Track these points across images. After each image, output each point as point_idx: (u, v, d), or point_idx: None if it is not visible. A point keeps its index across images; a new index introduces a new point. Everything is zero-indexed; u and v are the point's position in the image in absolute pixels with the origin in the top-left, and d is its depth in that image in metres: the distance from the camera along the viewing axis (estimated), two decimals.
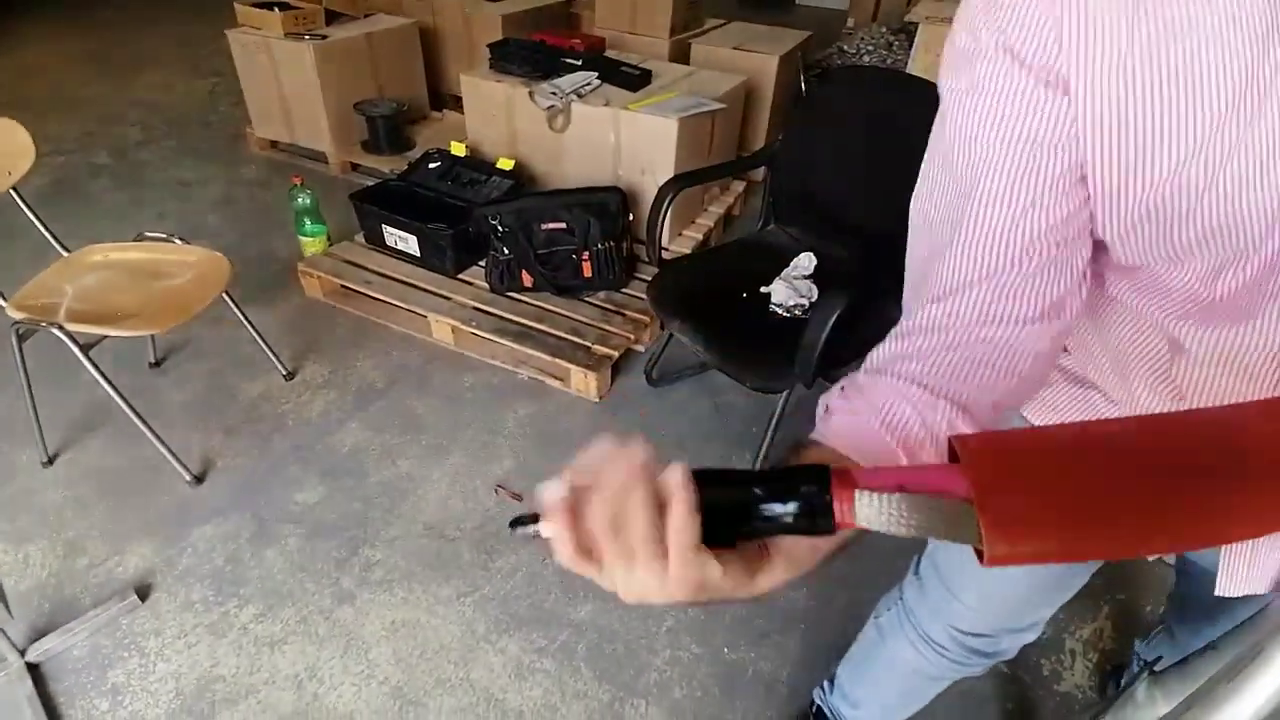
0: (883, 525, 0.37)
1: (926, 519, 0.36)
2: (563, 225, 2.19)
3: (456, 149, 2.56)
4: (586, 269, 2.23)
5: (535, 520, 0.41)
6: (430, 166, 2.52)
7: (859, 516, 0.37)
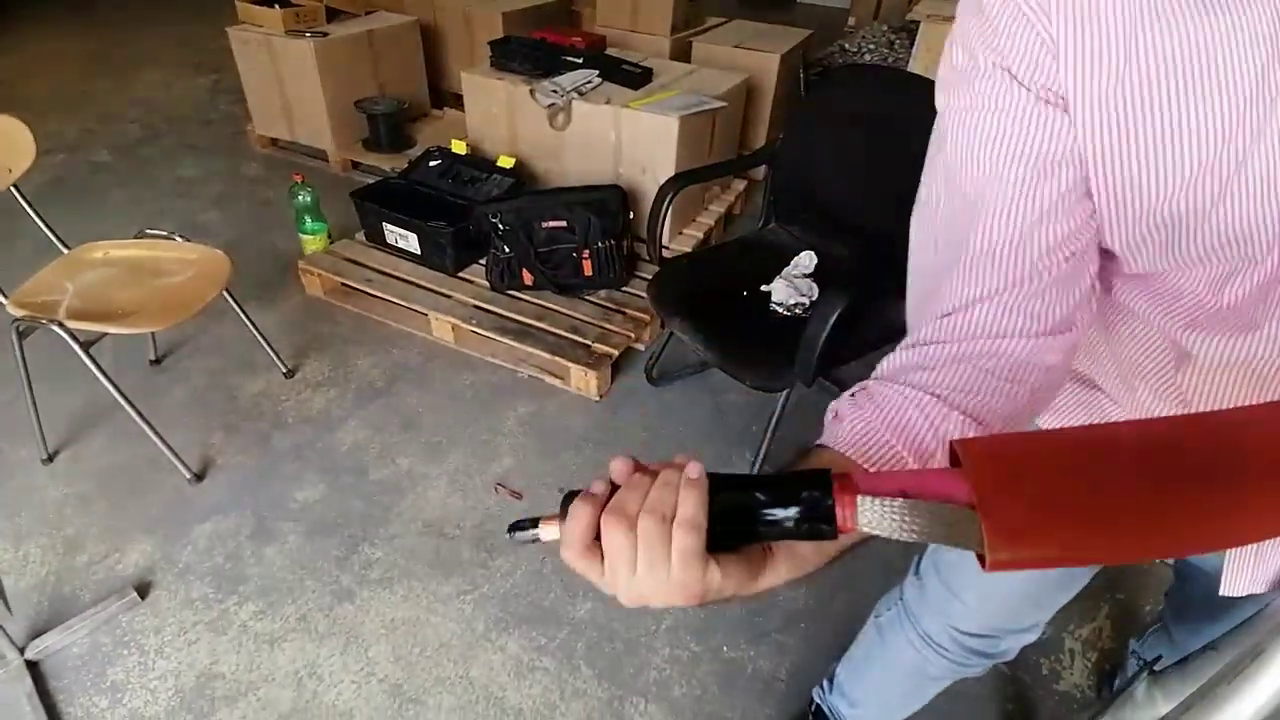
0: (885, 530, 0.37)
1: (928, 524, 0.36)
2: (563, 223, 2.19)
3: (457, 147, 2.56)
4: (587, 267, 2.23)
5: (534, 524, 0.42)
6: (431, 164, 2.52)
7: (861, 521, 0.37)
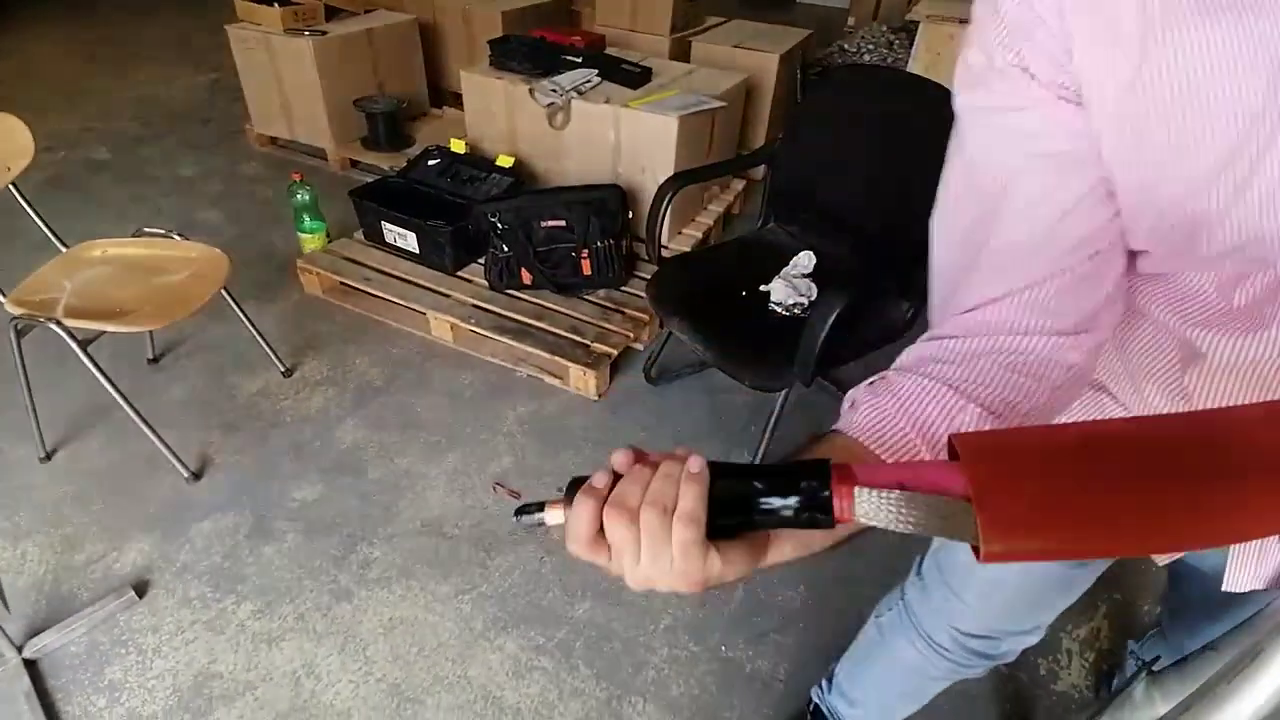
0: (882, 521, 0.38)
1: (925, 516, 0.37)
2: (562, 223, 2.19)
3: (456, 146, 2.56)
4: (586, 267, 2.22)
5: (540, 509, 0.44)
6: (430, 163, 2.51)
7: (858, 512, 0.38)
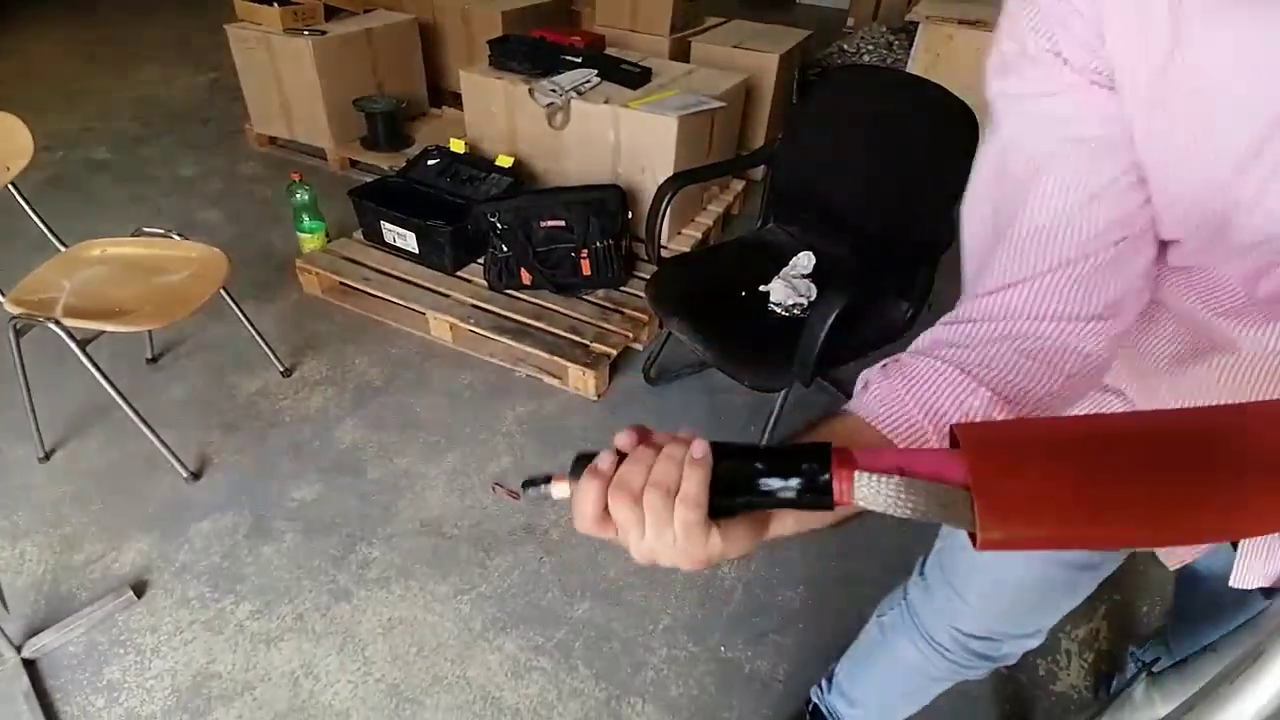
0: (880, 505, 0.38)
1: (923, 501, 0.37)
2: (562, 223, 2.19)
3: (456, 146, 2.56)
4: (585, 267, 2.22)
5: (547, 482, 0.45)
6: (429, 163, 2.51)
7: (857, 495, 0.39)
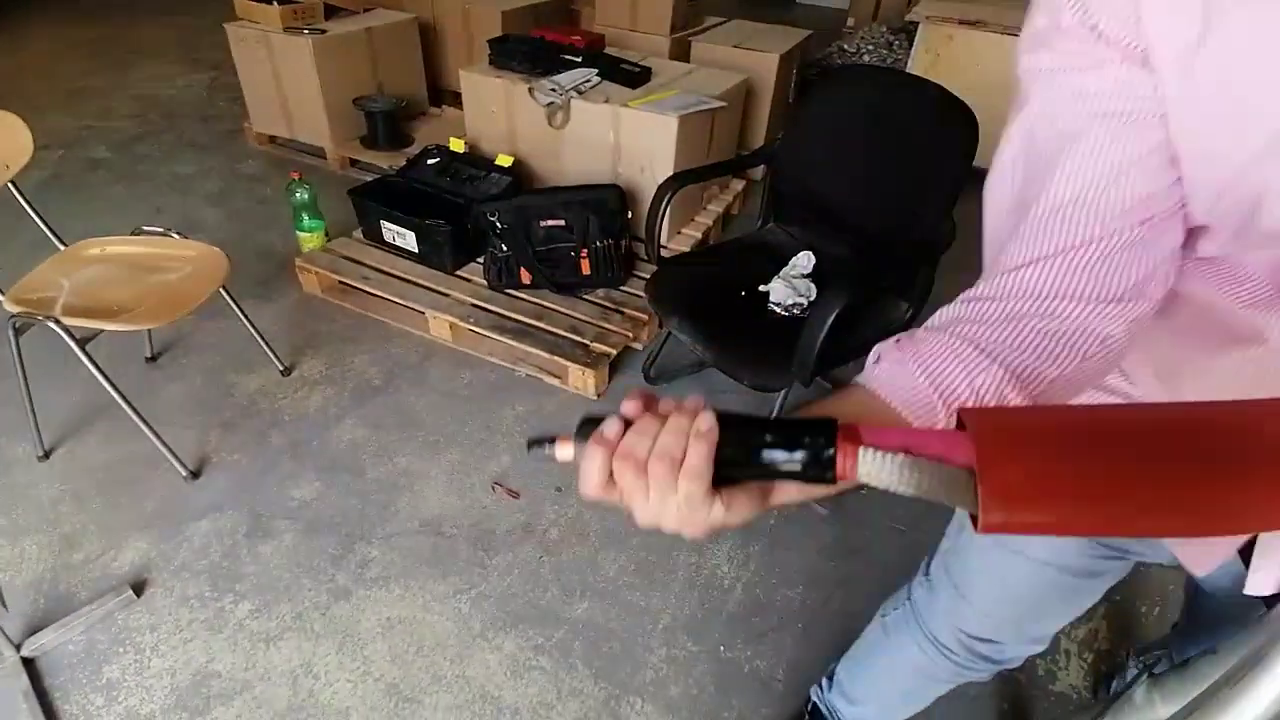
0: (883, 482, 0.39)
1: (926, 480, 0.38)
2: (561, 222, 2.19)
3: (455, 145, 2.55)
4: (585, 266, 2.22)
5: (552, 443, 0.46)
6: (429, 163, 2.51)
7: (861, 471, 0.39)
